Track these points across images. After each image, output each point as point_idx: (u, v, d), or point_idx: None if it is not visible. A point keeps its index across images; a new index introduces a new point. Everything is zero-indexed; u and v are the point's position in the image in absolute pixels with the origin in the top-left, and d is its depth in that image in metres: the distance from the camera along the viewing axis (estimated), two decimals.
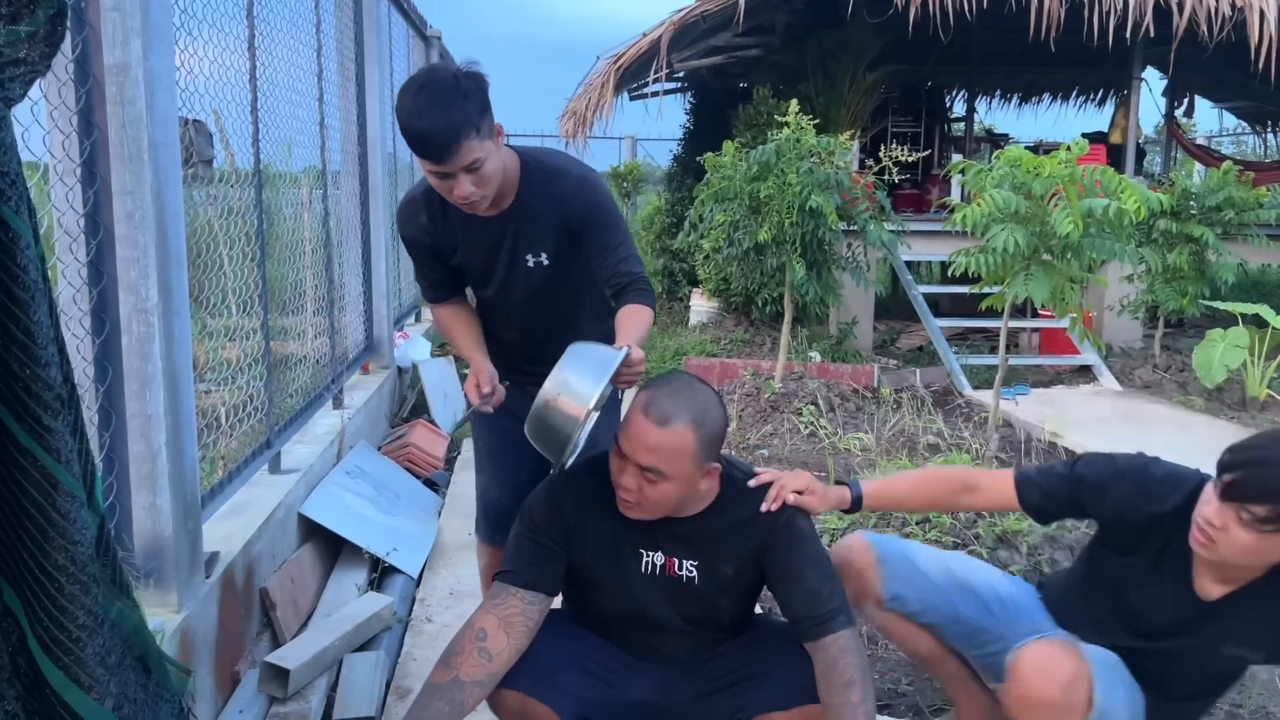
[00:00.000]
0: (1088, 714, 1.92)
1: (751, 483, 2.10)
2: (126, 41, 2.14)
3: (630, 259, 2.39)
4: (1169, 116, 12.14)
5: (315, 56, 4.22)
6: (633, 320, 2.28)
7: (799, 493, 2.10)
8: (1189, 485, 1.98)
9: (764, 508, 2.07)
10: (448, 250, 2.46)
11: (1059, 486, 2.12)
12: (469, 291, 2.63)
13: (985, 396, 6.46)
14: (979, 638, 2.27)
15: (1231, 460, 1.85)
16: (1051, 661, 1.94)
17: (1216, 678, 2.13)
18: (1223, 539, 1.84)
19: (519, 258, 2.41)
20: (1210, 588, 1.99)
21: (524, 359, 2.55)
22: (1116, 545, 2.11)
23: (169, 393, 2.31)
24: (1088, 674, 1.94)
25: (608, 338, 2.24)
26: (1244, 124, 15.67)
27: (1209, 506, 1.87)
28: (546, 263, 2.42)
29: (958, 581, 2.28)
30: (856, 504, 2.23)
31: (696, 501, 2.07)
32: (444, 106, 2.07)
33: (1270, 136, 15.13)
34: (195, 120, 2.93)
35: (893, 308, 9.77)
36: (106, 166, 2.17)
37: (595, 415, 2.11)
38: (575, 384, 1.98)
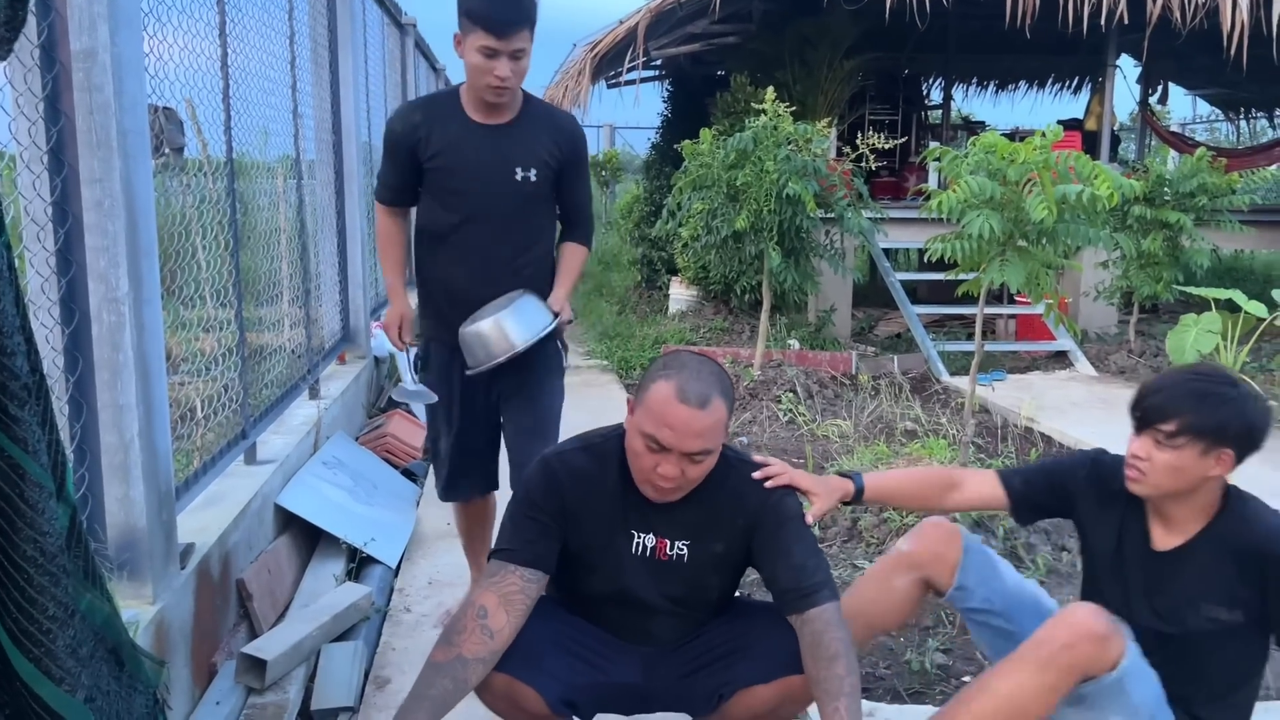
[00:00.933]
0: (1118, 662, 2.00)
1: (757, 474, 2.12)
2: (94, 27, 2.12)
3: (588, 202, 2.95)
4: (1143, 103, 12.22)
5: (288, 43, 4.18)
6: (572, 261, 2.90)
7: (803, 491, 2.17)
8: None
9: (767, 484, 2.10)
10: (429, 152, 2.74)
11: (1037, 475, 2.32)
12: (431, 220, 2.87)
13: (962, 383, 6.50)
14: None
15: (1136, 399, 2.11)
16: (1100, 612, 2.04)
17: (1220, 663, 2.12)
18: (1148, 467, 2.06)
19: (510, 168, 2.74)
20: (1163, 539, 2.15)
21: (465, 309, 2.79)
22: (1091, 536, 2.27)
23: (141, 383, 2.29)
24: (1124, 635, 2.04)
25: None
26: (1217, 111, 15.81)
27: (1132, 444, 2.10)
28: (534, 179, 2.76)
29: (1031, 595, 2.35)
30: (859, 495, 2.31)
31: None
32: None
33: (1242, 123, 15.27)
34: (165, 107, 2.90)
35: (870, 295, 9.80)
36: (74, 154, 2.14)
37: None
38: (511, 331, 2.66)
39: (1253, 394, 2.07)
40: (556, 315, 2.77)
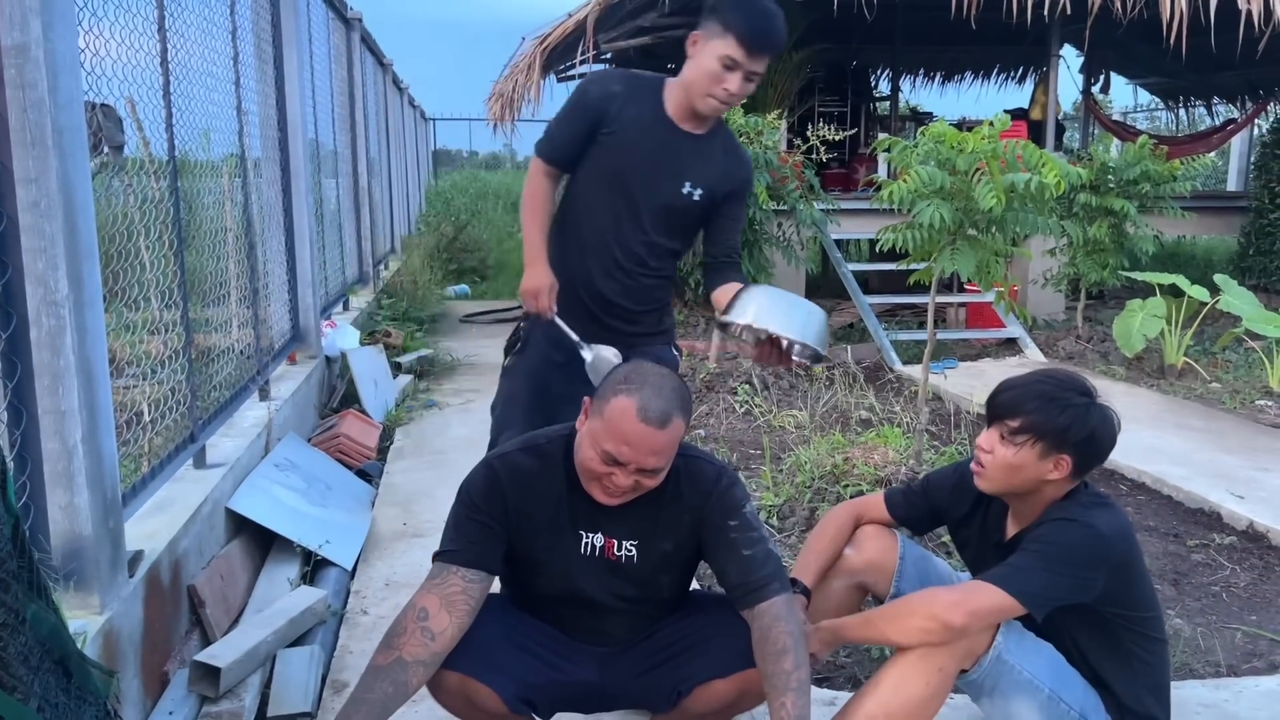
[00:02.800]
0: (993, 641, 2.09)
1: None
2: (25, 22, 2.05)
3: (739, 237, 2.82)
4: (1086, 93, 12.40)
5: (230, 39, 4.10)
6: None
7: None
8: None
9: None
10: (612, 126, 2.62)
11: (917, 497, 2.44)
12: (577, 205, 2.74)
13: (915, 371, 6.56)
14: None
15: (991, 394, 2.21)
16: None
17: (1089, 640, 2.19)
18: (989, 460, 2.14)
19: (680, 179, 2.64)
20: (1011, 529, 2.26)
21: (588, 299, 2.71)
22: (960, 539, 2.43)
23: (84, 388, 2.23)
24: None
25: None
26: (1157, 100, 16.08)
27: (981, 437, 2.19)
28: (698, 199, 2.66)
29: None
30: (807, 594, 2.33)
31: None
32: (781, 21, 2.51)
33: (1182, 111, 15.56)
34: (104, 105, 2.82)
35: (823, 286, 9.85)
36: (8, 152, 2.07)
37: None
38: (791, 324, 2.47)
39: (1102, 407, 2.12)
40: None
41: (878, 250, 4.93)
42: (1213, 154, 11.50)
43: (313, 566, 3.43)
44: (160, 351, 3.19)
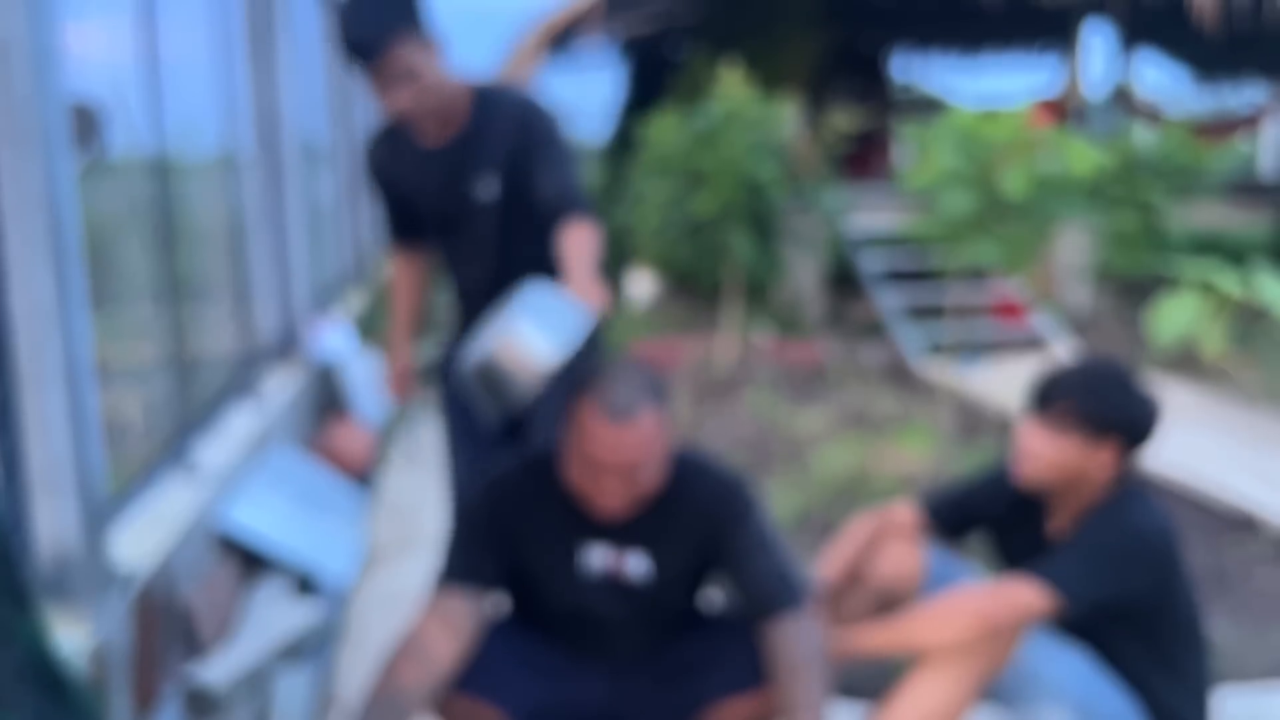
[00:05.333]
0: (1015, 651, 2.04)
1: None
2: (6, 17, 2.02)
3: (571, 178, 2.29)
4: (1114, 76, 12.20)
5: (221, 33, 4.04)
6: (579, 247, 2.16)
7: None
8: None
9: None
10: (404, 187, 2.45)
11: (951, 499, 2.39)
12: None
13: (937, 369, 6.43)
14: None
15: (1032, 384, 2.17)
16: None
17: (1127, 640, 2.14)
18: (1032, 451, 2.10)
19: (471, 186, 2.35)
20: (1052, 528, 2.20)
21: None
22: (1003, 544, 2.34)
23: (69, 395, 2.19)
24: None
25: None
26: (1191, 81, 15.85)
27: (1021, 428, 2.15)
28: (499, 191, 2.34)
29: None
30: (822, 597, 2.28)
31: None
32: (373, 10, 2.15)
33: (1215, 94, 15.32)
34: (89, 103, 2.79)
35: (840, 279, 9.69)
36: None
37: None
38: (536, 342, 1.85)
39: (1143, 389, 2.10)
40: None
41: (898, 242, 4.80)
42: (1246, 141, 11.30)
43: (308, 578, 3.36)
44: (147, 356, 3.14)
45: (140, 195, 3.23)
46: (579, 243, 2.17)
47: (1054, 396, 2.09)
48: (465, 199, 2.37)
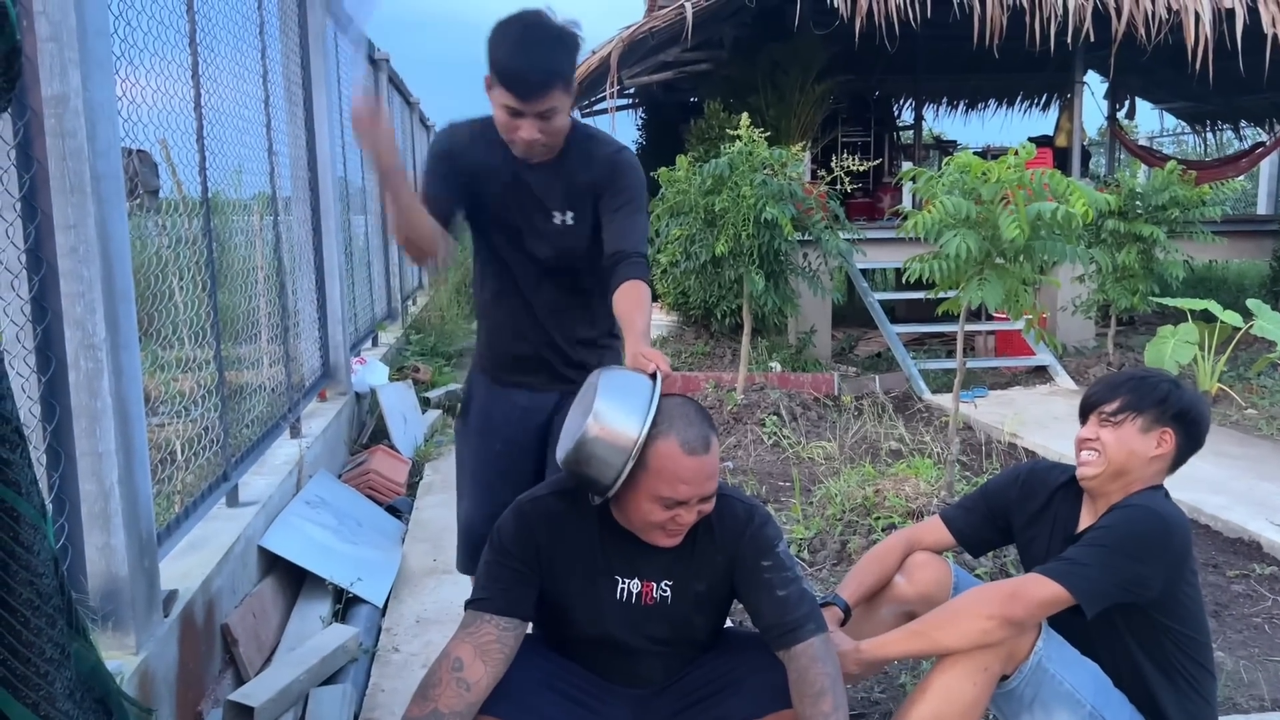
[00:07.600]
0: (1034, 646, 2.10)
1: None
2: (65, 73, 2.10)
3: (637, 232, 2.33)
4: (1111, 119, 12.37)
5: (261, 82, 4.18)
6: (635, 308, 2.19)
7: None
8: (1061, 469, 2.38)
9: None
10: (478, 175, 2.39)
11: (976, 506, 2.44)
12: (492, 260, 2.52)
13: (944, 400, 6.52)
14: None
15: (1083, 396, 2.30)
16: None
17: (1139, 642, 2.18)
18: (1100, 445, 2.19)
19: (548, 211, 2.38)
20: (1084, 522, 2.27)
21: (511, 359, 2.53)
22: (1031, 546, 2.37)
23: (120, 429, 2.26)
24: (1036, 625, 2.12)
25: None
26: (1183, 124, 16.00)
27: (1081, 432, 2.25)
28: (572, 222, 2.39)
29: None
30: (848, 613, 2.34)
31: None
32: (546, 50, 2.17)
33: (1209, 135, 15.46)
34: (139, 150, 2.88)
35: (850, 315, 9.83)
36: (48, 200, 2.12)
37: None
38: (615, 420, 1.89)
39: (1191, 387, 2.22)
40: (653, 376, 2.00)
41: (904, 280, 4.92)
42: (1242, 178, 11.40)
43: (344, 604, 3.43)
44: (193, 390, 3.22)
45: (187, 235, 3.33)
46: (637, 303, 2.21)
47: (1108, 396, 2.21)
48: (533, 218, 2.40)
